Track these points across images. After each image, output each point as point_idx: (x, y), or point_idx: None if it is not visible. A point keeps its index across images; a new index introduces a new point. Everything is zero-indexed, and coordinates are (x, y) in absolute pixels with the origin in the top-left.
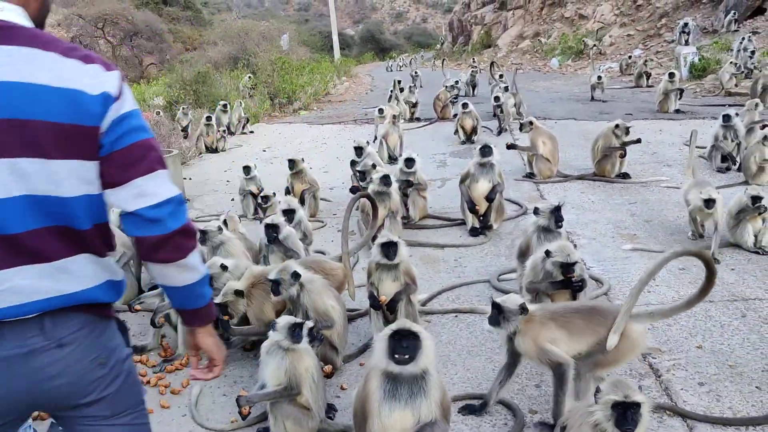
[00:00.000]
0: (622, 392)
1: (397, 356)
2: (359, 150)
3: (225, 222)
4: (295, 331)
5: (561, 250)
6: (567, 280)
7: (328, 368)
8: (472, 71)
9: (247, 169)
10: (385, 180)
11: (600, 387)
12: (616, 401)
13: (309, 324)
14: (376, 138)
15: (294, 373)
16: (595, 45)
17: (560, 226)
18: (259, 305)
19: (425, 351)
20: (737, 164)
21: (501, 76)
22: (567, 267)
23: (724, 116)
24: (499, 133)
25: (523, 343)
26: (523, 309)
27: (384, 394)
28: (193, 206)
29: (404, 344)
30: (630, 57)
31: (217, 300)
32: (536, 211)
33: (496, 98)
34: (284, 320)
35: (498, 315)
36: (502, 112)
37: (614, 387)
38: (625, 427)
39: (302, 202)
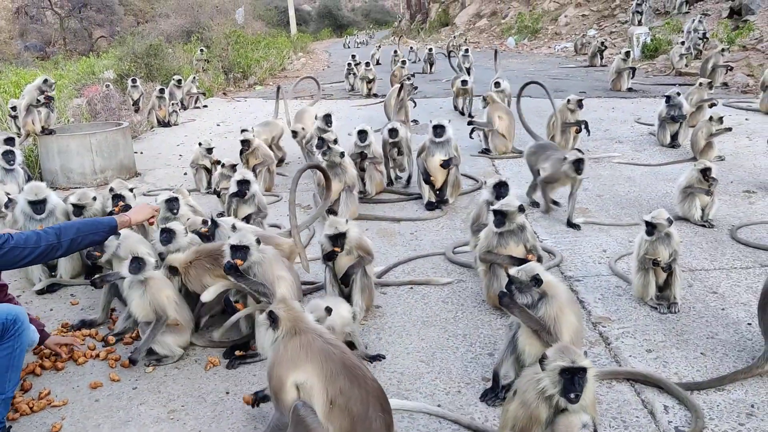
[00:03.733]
0: (569, 358)
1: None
2: (327, 118)
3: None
4: (135, 265)
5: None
6: (523, 262)
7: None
8: (429, 49)
9: (209, 150)
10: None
11: (546, 353)
12: (563, 367)
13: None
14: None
15: (157, 303)
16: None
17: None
18: (198, 280)
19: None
20: (680, 143)
21: (466, 50)
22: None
23: (666, 97)
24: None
25: (549, 307)
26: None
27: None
28: (145, 180)
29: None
30: (584, 37)
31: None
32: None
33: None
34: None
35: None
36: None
37: (560, 353)
38: (572, 393)
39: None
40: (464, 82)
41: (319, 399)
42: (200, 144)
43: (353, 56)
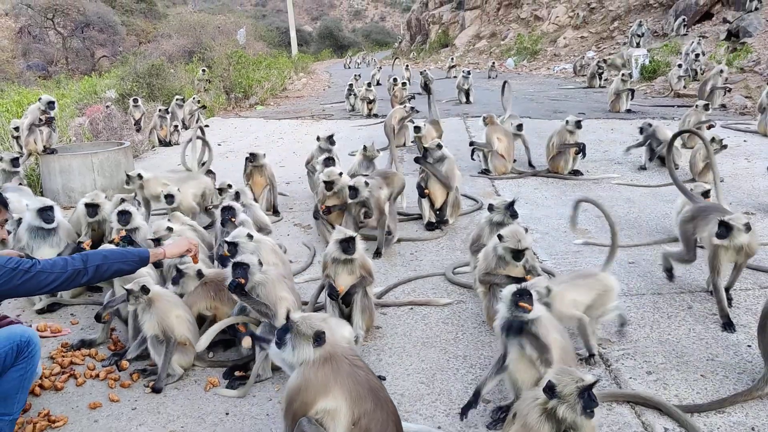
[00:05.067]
0: (578, 376)
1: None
2: (331, 138)
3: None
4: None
5: (512, 235)
6: (521, 281)
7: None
8: (422, 72)
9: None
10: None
11: (551, 382)
12: (582, 387)
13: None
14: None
15: (165, 324)
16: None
17: (515, 219)
18: (198, 300)
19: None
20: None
21: (468, 72)
22: (517, 253)
23: (639, 128)
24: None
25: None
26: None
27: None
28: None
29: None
30: (583, 58)
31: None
32: (491, 208)
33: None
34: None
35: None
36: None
37: (566, 376)
38: (591, 408)
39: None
40: (417, 129)
41: (344, 420)
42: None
43: (357, 76)
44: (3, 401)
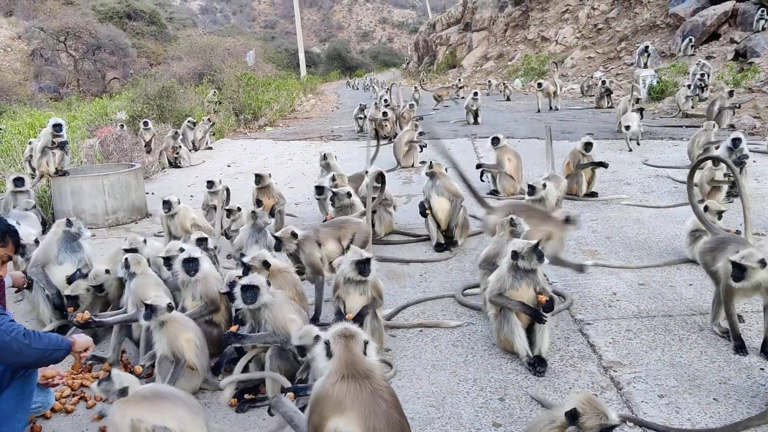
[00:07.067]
0: (603, 413)
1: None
2: (323, 159)
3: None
4: (148, 312)
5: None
6: (536, 312)
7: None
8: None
9: (210, 184)
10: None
11: (577, 410)
12: (603, 426)
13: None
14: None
15: (175, 346)
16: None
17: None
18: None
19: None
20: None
21: (475, 93)
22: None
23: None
24: None
25: None
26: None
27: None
28: (156, 221)
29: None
30: (591, 78)
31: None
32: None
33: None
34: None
35: None
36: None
37: (590, 406)
38: None
39: (272, 215)
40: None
41: None
42: (209, 183)
43: (383, 98)
44: (5, 420)
